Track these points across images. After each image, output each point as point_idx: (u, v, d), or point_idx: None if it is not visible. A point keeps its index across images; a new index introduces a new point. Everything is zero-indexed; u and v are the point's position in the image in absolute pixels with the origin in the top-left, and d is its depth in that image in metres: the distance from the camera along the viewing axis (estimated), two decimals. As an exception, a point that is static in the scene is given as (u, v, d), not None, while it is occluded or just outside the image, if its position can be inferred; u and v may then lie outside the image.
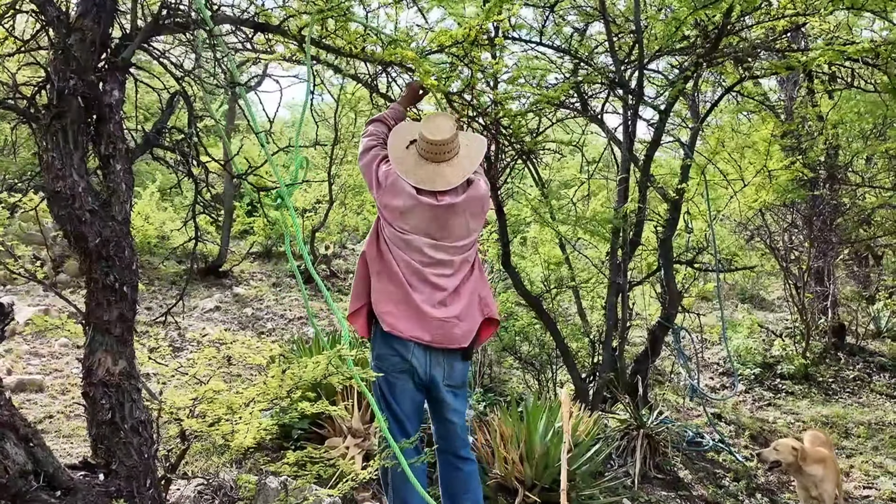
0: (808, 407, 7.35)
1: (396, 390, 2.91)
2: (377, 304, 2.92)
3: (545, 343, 5.71)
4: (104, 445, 2.32)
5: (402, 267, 2.91)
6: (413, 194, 2.90)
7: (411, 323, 2.88)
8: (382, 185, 2.95)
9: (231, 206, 9.13)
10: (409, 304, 2.89)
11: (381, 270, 2.95)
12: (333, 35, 3.60)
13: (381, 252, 2.96)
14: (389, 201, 2.92)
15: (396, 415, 2.91)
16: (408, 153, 3.00)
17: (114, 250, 2.42)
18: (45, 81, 2.61)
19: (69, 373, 5.32)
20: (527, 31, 5.39)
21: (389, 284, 2.91)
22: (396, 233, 2.92)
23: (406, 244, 2.91)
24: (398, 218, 2.92)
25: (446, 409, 3.03)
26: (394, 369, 2.89)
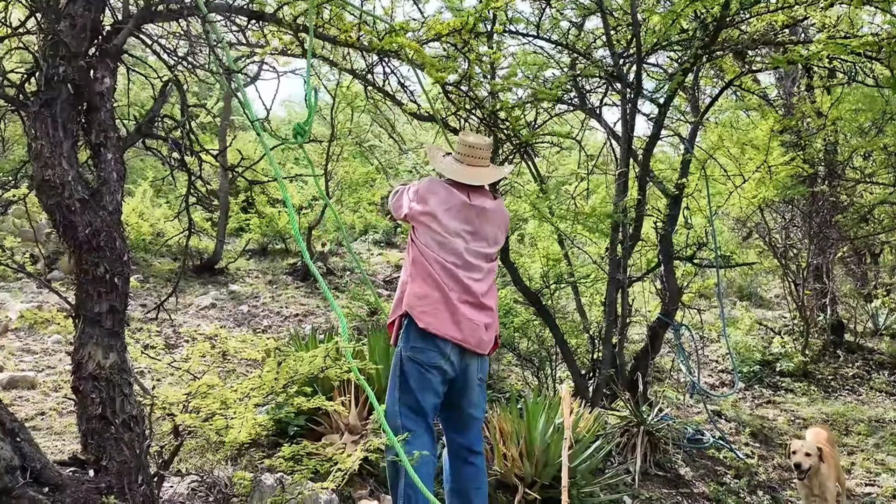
0: (808, 404, 7.32)
1: (425, 384, 2.93)
2: (413, 305, 2.98)
3: (544, 339, 5.66)
4: (94, 441, 2.26)
5: (438, 269, 3.02)
6: (448, 192, 3.11)
7: (446, 322, 2.97)
8: (418, 192, 3.12)
9: (226, 203, 9.06)
10: (445, 302, 2.99)
11: (417, 273, 3.05)
12: (329, 25, 3.55)
13: (416, 257, 3.08)
14: (426, 202, 3.07)
15: (422, 408, 2.93)
16: (445, 160, 3.29)
17: (104, 241, 2.36)
18: (34, 69, 2.55)
19: (62, 369, 5.24)
20: (524, 26, 5.33)
21: (424, 285, 3.01)
22: (432, 235, 3.06)
23: (440, 245, 3.05)
24: (433, 220, 3.06)
25: (470, 403, 3.12)
26: (428, 363, 2.93)
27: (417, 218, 3.09)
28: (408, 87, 4.21)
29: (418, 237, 3.10)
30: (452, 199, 3.12)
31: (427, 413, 2.98)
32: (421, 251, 3.06)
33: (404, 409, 2.93)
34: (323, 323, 7.46)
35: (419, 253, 3.06)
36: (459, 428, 3.14)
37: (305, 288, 8.78)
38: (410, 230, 3.18)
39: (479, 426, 3.22)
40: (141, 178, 9.50)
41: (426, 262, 3.03)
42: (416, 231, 3.13)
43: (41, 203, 2.37)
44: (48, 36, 2.43)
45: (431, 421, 3.01)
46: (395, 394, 2.95)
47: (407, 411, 2.93)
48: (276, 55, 4.01)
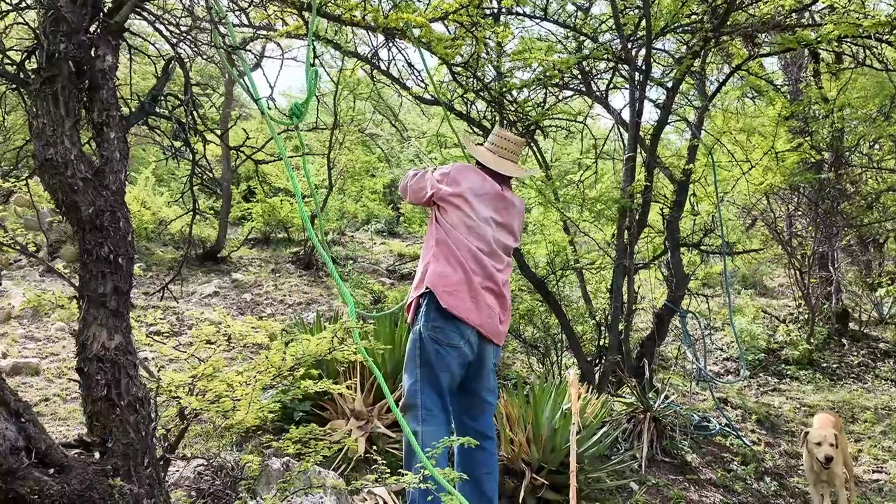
0: (814, 392, 7.29)
1: (444, 363, 2.93)
2: (436, 284, 2.98)
3: (550, 326, 5.62)
4: (100, 423, 2.22)
5: (464, 251, 3.03)
6: (483, 179, 3.16)
7: (468, 305, 2.98)
8: (449, 175, 3.11)
9: (229, 191, 9.02)
10: (469, 285, 3.00)
11: (441, 254, 3.05)
12: (333, 5, 3.49)
13: (441, 238, 3.07)
14: (458, 184, 3.09)
15: (441, 388, 2.93)
16: (479, 148, 3.33)
17: (108, 220, 2.31)
18: (35, 46, 2.51)
19: (66, 356, 5.22)
20: (531, 9, 5.27)
21: (448, 266, 3.01)
22: (463, 218, 3.07)
23: (469, 229, 3.07)
24: (465, 203, 3.08)
25: (484, 388, 3.13)
26: (448, 342, 2.93)
27: (448, 199, 3.09)
28: (414, 68, 4.14)
29: (446, 218, 3.09)
30: (486, 186, 3.16)
31: (445, 392, 2.98)
32: (447, 232, 3.06)
33: (425, 386, 2.92)
34: (326, 311, 7.43)
35: (445, 234, 3.06)
36: (474, 413, 3.14)
37: (308, 276, 8.75)
38: (434, 211, 3.18)
39: (493, 411, 3.22)
40: (143, 166, 9.45)
41: (452, 243, 3.03)
42: (442, 212, 3.12)
43: (43, 182, 2.32)
44: (48, 12, 2.38)
45: (449, 402, 3.01)
46: (417, 371, 2.95)
47: (427, 388, 2.92)
48: (279, 37, 3.96)
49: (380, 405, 4.00)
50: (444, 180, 3.11)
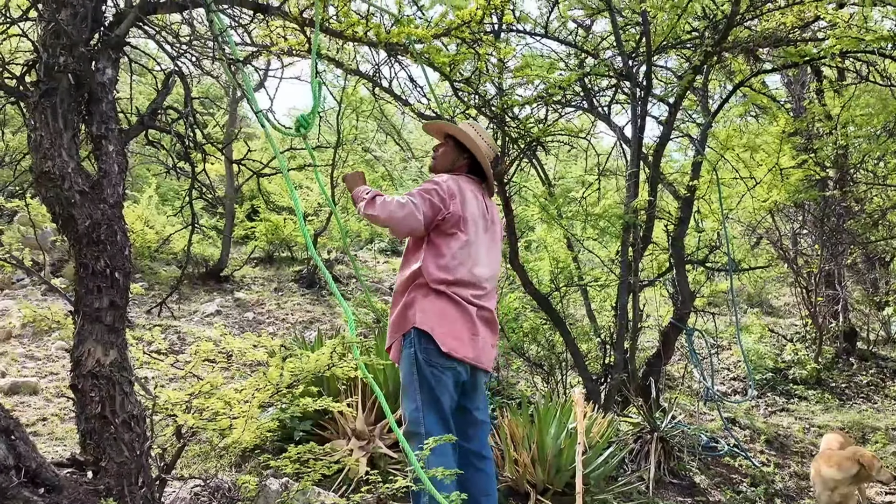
0: (823, 412, 7.17)
1: (443, 385, 2.79)
2: (433, 327, 2.77)
3: (554, 344, 5.55)
4: (93, 441, 2.18)
5: (463, 282, 2.85)
6: (475, 197, 2.98)
7: (465, 343, 2.84)
8: (447, 192, 2.86)
9: (232, 210, 9.01)
10: (466, 321, 2.84)
11: (436, 287, 2.81)
12: (335, 22, 3.48)
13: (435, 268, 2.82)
14: (465, 212, 2.89)
15: (443, 412, 2.79)
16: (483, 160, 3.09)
17: (105, 234, 2.28)
18: (35, 60, 2.49)
19: (65, 375, 5.17)
20: (531, 26, 5.27)
21: (444, 302, 2.81)
22: (459, 245, 2.86)
23: (465, 256, 2.87)
24: (466, 225, 2.89)
25: (478, 408, 3.02)
26: (443, 365, 2.78)
27: (449, 221, 2.84)
28: (416, 83, 4.13)
29: (443, 247, 2.84)
30: (479, 202, 3.01)
31: (448, 417, 2.84)
32: (441, 263, 2.82)
33: (428, 413, 2.76)
34: (328, 329, 7.37)
35: (438, 266, 2.82)
36: (469, 433, 2.99)
37: (311, 295, 8.70)
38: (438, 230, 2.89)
39: (488, 431, 3.11)
40: (146, 184, 9.46)
41: (451, 274, 2.81)
42: (441, 236, 2.86)
43: (40, 195, 2.30)
44: (49, 25, 2.37)
45: (453, 426, 2.87)
46: (417, 397, 2.76)
47: (431, 414, 2.77)
48: (281, 55, 3.95)
49: (381, 424, 3.93)
50: (443, 203, 2.83)
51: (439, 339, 2.74)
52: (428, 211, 2.80)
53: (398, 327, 2.86)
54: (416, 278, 2.86)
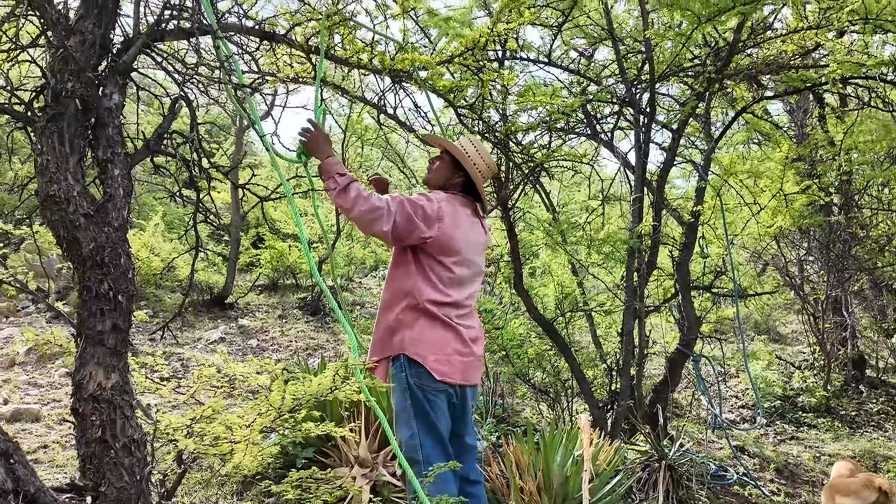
0: (833, 440, 7.07)
1: (438, 409, 2.74)
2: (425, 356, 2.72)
3: (560, 370, 5.50)
4: (93, 465, 2.15)
5: (449, 306, 2.79)
6: (469, 219, 2.91)
7: (457, 367, 2.79)
8: (442, 217, 2.76)
9: (237, 237, 9.04)
10: (458, 344, 2.79)
11: (423, 313, 2.75)
12: (341, 49, 3.52)
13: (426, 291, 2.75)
14: (456, 232, 2.80)
15: (441, 437, 2.73)
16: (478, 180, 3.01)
17: (109, 257, 2.28)
18: (43, 86, 2.53)
19: (67, 403, 5.12)
20: (535, 55, 5.33)
21: (435, 327, 2.75)
22: (451, 267, 2.80)
23: (452, 278, 2.81)
24: (455, 253, 2.81)
25: (467, 431, 2.96)
26: (434, 388, 2.73)
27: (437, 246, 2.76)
28: (420, 109, 4.17)
29: (429, 269, 2.77)
30: (472, 225, 2.93)
31: (446, 441, 2.79)
32: (429, 283, 2.76)
33: (425, 438, 2.70)
34: (332, 356, 7.34)
35: (426, 286, 2.75)
36: (461, 458, 2.89)
37: (315, 322, 8.68)
38: (406, 251, 2.81)
39: (476, 454, 3.03)
40: (153, 211, 9.51)
41: (435, 296, 2.75)
42: (427, 256, 2.78)
43: (45, 218, 2.30)
44: (57, 51, 2.41)
45: (451, 451, 2.81)
46: (412, 424, 2.70)
47: (428, 440, 2.71)
48: (287, 82, 3.99)
49: (385, 451, 3.88)
50: (436, 226, 2.75)
51: (432, 368, 2.70)
52: (401, 221, 2.67)
53: (383, 347, 2.79)
54: (403, 298, 2.78)
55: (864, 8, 4.30)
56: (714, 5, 4.01)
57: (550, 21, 4.74)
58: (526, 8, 3.04)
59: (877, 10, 4.27)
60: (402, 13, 3.59)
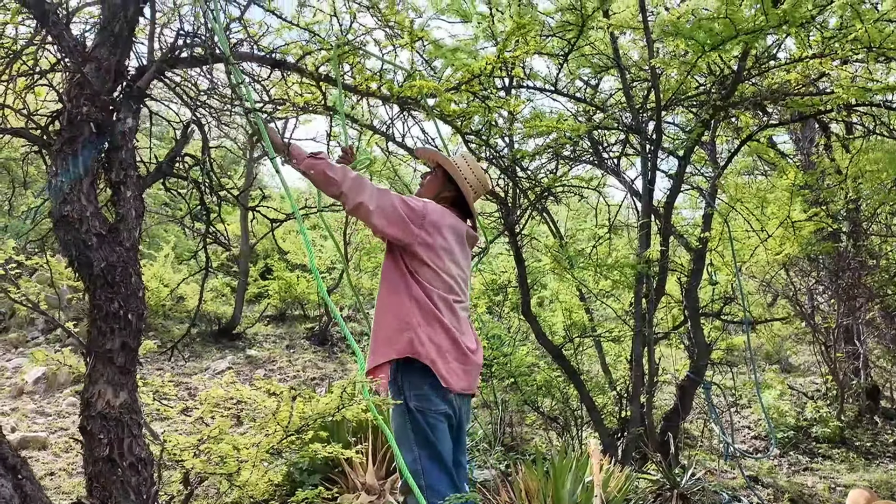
0: (848, 471, 6.93)
1: (440, 432, 2.68)
2: (434, 360, 2.67)
3: (569, 397, 5.46)
4: (100, 484, 2.14)
5: (446, 311, 2.75)
6: (459, 228, 2.87)
7: (458, 374, 2.75)
8: (426, 220, 2.72)
9: (246, 268, 9.08)
10: (458, 351, 2.75)
11: (424, 317, 2.71)
12: (350, 78, 3.59)
13: (418, 296, 2.72)
14: (442, 234, 2.77)
15: (444, 461, 2.67)
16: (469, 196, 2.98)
17: (120, 276, 2.31)
18: (59, 112, 2.59)
19: (74, 431, 5.13)
20: (541, 83, 5.41)
21: (439, 332, 2.71)
22: (439, 273, 2.76)
23: (444, 284, 2.77)
24: (448, 257, 2.78)
25: (461, 449, 2.89)
26: (435, 409, 2.68)
27: (426, 249, 2.71)
28: (428, 135, 4.22)
29: (419, 274, 2.74)
30: (456, 235, 2.87)
31: (450, 466, 2.72)
32: (426, 290, 2.72)
33: (427, 463, 2.64)
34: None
35: (422, 292, 2.71)
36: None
37: (323, 352, 8.67)
38: (398, 252, 2.76)
39: (466, 471, 2.94)
40: (164, 242, 9.59)
41: (433, 303, 2.71)
42: (416, 261, 2.74)
43: (58, 238, 2.34)
44: (74, 76, 2.47)
45: (456, 476, 2.73)
46: (414, 449, 2.65)
47: (430, 465, 2.64)
48: (298, 112, 4.06)
49: (392, 478, 3.85)
50: (420, 224, 2.71)
51: (439, 373, 2.65)
52: (388, 208, 2.64)
53: (389, 344, 2.68)
54: (404, 300, 2.73)
55: (867, 37, 4.36)
56: (717, 34, 4.07)
57: (556, 50, 4.82)
58: (532, 37, 3.09)
59: (880, 39, 4.33)
60: (411, 43, 3.67)
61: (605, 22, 4.60)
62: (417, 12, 4.65)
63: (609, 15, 4.77)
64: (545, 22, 4.68)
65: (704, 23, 3.85)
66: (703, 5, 4.69)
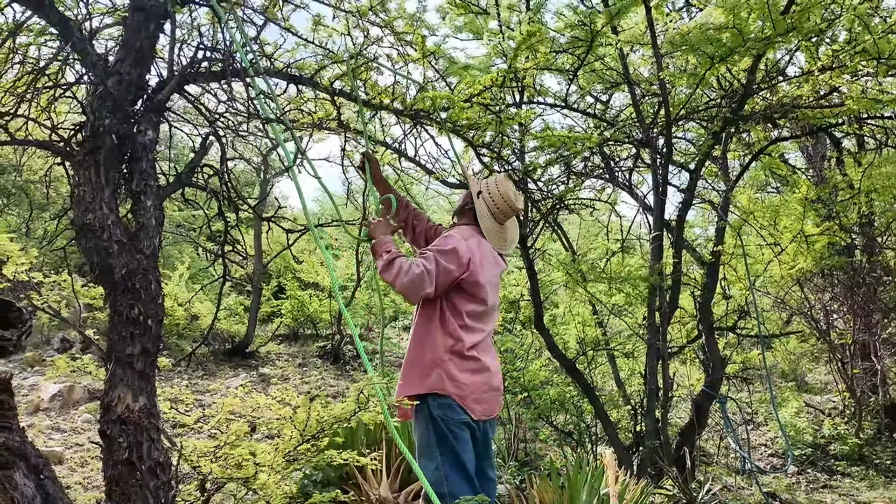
0: (868, 489, 6.82)
1: (462, 441, 2.74)
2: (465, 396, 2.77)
3: (583, 411, 5.43)
4: (119, 488, 2.17)
5: (476, 344, 2.86)
6: (490, 255, 3.00)
7: (483, 403, 2.85)
8: (461, 257, 2.85)
9: (259, 287, 9.14)
10: (485, 379, 2.85)
11: (456, 352, 2.81)
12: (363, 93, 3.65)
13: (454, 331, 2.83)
14: (480, 275, 2.89)
15: (467, 470, 2.72)
16: (482, 210, 3.06)
17: (140, 282, 2.36)
18: (81, 124, 2.66)
19: (90, 447, 5.16)
20: (552, 99, 5.46)
21: (467, 363, 2.81)
22: (473, 306, 2.89)
23: (475, 317, 2.89)
24: (480, 290, 2.90)
25: (489, 464, 2.95)
26: (458, 419, 2.75)
27: (470, 289, 2.86)
28: (441, 147, 4.27)
29: (457, 307, 2.85)
30: (494, 265, 3.03)
31: (473, 476, 2.76)
32: (460, 322, 2.84)
33: (450, 472, 2.69)
34: (353, 404, 7.29)
35: (456, 325, 2.83)
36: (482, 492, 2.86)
37: (335, 370, 8.67)
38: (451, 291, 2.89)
39: (495, 487, 3.00)
40: (179, 262, 9.68)
41: (464, 336, 2.82)
42: (455, 295, 2.87)
43: (80, 246, 2.39)
44: (97, 89, 2.54)
45: (478, 485, 2.79)
46: (436, 456, 2.70)
47: (453, 474, 2.69)
48: (314, 129, 4.13)
49: (407, 491, 3.84)
50: (459, 263, 2.84)
51: (468, 407, 2.76)
52: (441, 279, 2.80)
53: (420, 379, 2.79)
54: (435, 337, 2.84)
55: (876, 48, 4.39)
56: (725, 45, 4.11)
57: (566, 66, 4.88)
58: (541, 50, 3.14)
59: (889, 49, 4.35)
60: (423, 58, 3.74)
61: (614, 38, 4.66)
62: (431, 30, 4.72)
63: (617, 31, 4.83)
64: (555, 39, 4.75)
65: (712, 34, 3.89)
66: (710, 21, 4.74)
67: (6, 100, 2.72)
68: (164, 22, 2.81)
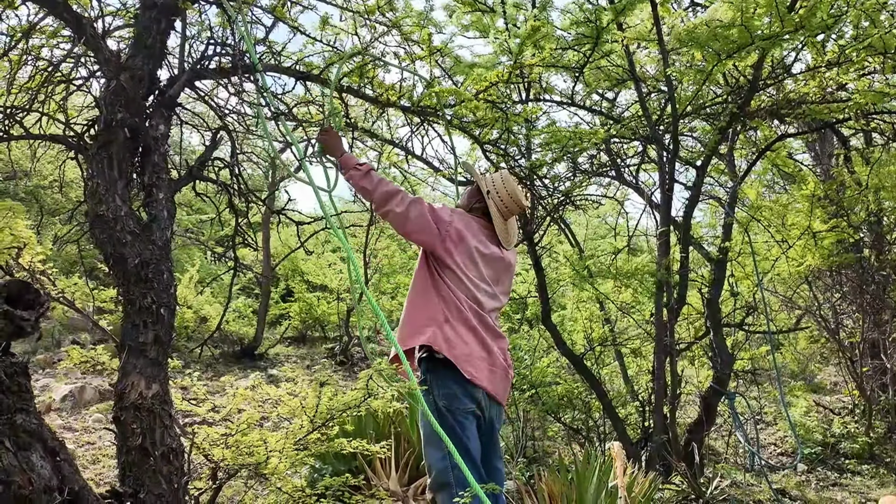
0: (879, 487, 6.79)
1: (468, 430, 2.73)
2: (458, 356, 2.75)
3: (591, 407, 5.43)
4: (132, 473, 2.20)
5: (472, 314, 2.84)
6: (488, 237, 2.99)
7: (483, 371, 2.82)
8: (452, 227, 2.85)
9: (268, 289, 9.19)
10: (483, 350, 2.83)
11: (451, 315, 2.81)
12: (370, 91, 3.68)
13: (447, 296, 2.83)
14: (465, 241, 2.88)
15: (473, 458, 2.70)
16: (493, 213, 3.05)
17: (153, 272, 2.39)
18: (95, 119, 2.71)
19: (101, 445, 5.20)
20: (558, 97, 5.49)
21: (463, 330, 2.81)
22: (465, 278, 2.86)
23: (472, 289, 2.87)
24: (471, 263, 2.88)
25: (496, 455, 2.94)
26: (463, 409, 2.74)
27: (450, 255, 2.84)
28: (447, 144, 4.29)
29: (446, 276, 2.86)
30: (490, 247, 2.99)
31: (479, 463, 2.75)
32: (452, 291, 2.84)
33: (457, 461, 2.57)
34: (362, 404, 7.32)
35: (450, 292, 2.83)
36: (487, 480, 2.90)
37: (343, 372, 8.70)
38: (428, 255, 2.90)
39: (503, 477, 2.99)
40: (189, 264, 9.74)
41: (459, 303, 2.82)
42: (443, 265, 2.87)
43: (94, 237, 2.43)
44: (110, 84, 2.59)
45: (484, 474, 2.77)
46: (442, 445, 2.61)
47: (460, 463, 2.58)
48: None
49: (415, 485, 3.86)
50: (445, 231, 2.84)
51: (462, 367, 2.72)
52: (415, 211, 2.79)
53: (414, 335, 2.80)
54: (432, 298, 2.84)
55: (882, 43, 4.40)
56: (732, 42, 4.13)
57: (572, 64, 4.90)
58: (545, 39, 3.17)
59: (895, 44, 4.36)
60: (429, 56, 3.77)
61: (620, 35, 4.69)
62: (438, 28, 4.76)
63: (623, 28, 4.86)
64: (561, 36, 4.78)
65: (720, 31, 3.91)
66: (717, 17, 4.76)
67: (21, 96, 2.77)
68: (174, 19, 2.86)
